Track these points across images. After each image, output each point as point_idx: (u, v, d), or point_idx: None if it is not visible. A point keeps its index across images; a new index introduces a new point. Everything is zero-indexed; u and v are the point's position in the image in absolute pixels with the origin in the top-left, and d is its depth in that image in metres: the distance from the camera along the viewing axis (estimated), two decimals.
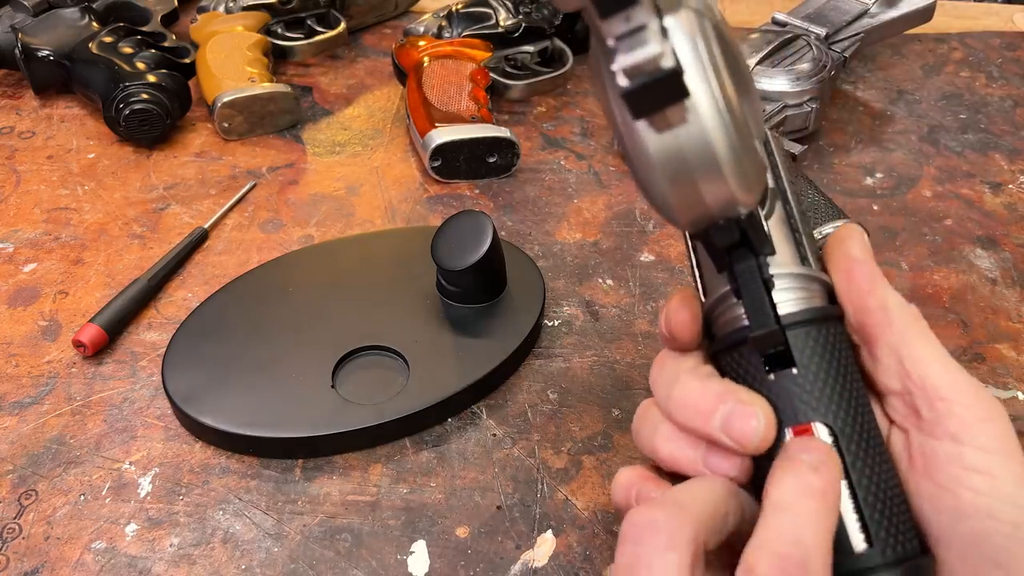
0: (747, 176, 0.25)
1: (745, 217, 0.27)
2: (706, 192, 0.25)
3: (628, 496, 0.30)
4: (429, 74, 0.64)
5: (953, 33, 0.80)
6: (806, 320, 0.29)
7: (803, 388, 0.28)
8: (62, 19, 0.68)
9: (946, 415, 0.27)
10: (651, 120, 0.24)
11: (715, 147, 0.24)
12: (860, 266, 0.30)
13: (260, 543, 0.39)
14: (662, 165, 0.25)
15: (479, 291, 0.48)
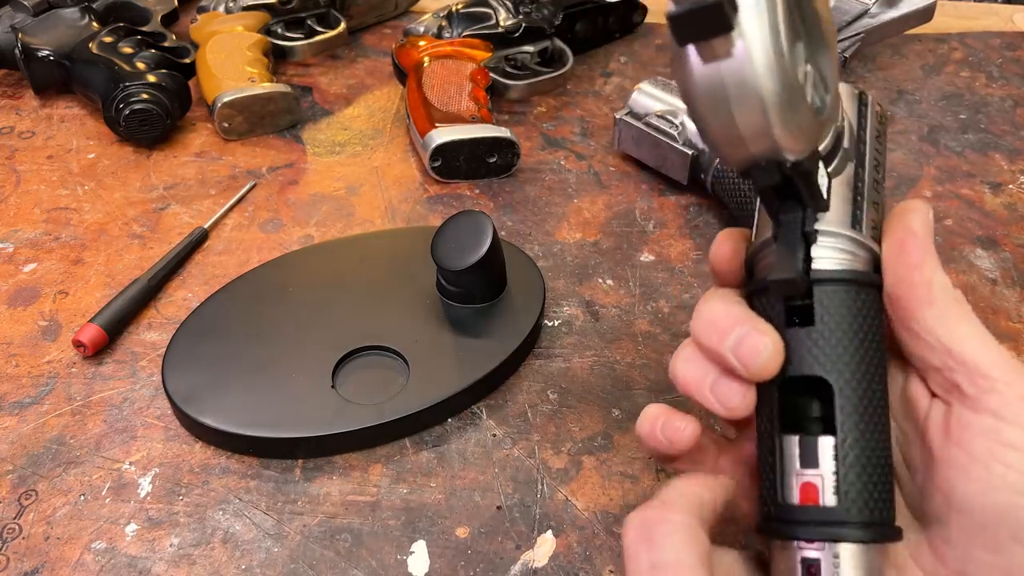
0: (789, 123, 0.26)
1: (791, 165, 0.27)
2: (744, 130, 0.26)
3: (654, 426, 0.32)
4: (429, 74, 0.64)
5: (953, 33, 0.80)
6: (837, 279, 0.29)
7: (816, 344, 0.29)
8: (62, 19, 0.68)
9: (987, 391, 0.27)
10: (697, 48, 0.25)
11: (757, 87, 0.25)
12: (914, 239, 0.30)
13: (260, 543, 0.39)
14: (704, 96, 0.26)
15: (479, 291, 0.48)
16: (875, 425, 0.29)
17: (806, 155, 0.27)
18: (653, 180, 0.61)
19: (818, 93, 0.28)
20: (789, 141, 0.26)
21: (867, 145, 0.32)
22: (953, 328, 0.28)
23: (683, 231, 0.57)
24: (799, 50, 0.26)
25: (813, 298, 0.29)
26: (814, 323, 0.29)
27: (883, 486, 0.29)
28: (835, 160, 0.31)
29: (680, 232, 0.57)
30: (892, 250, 0.30)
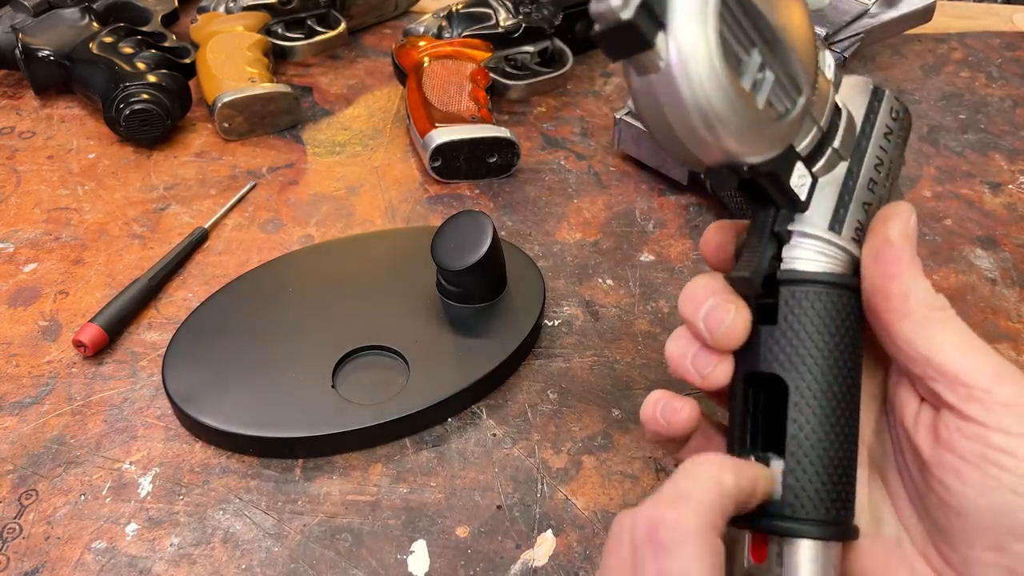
0: (735, 130, 0.26)
1: (748, 168, 0.27)
2: (686, 140, 0.26)
3: (654, 409, 0.32)
4: (429, 74, 0.64)
5: (953, 33, 0.80)
6: (804, 280, 0.29)
7: (776, 343, 0.29)
8: (62, 19, 0.68)
9: (968, 400, 0.27)
10: (629, 63, 0.26)
11: (689, 99, 0.25)
12: (890, 249, 0.29)
13: (260, 543, 0.39)
14: (643, 108, 0.27)
15: (479, 291, 0.48)
16: (833, 426, 0.29)
17: (767, 158, 0.28)
18: (653, 180, 0.61)
19: (783, 96, 0.27)
20: (739, 147, 0.26)
21: (870, 142, 0.32)
22: (930, 338, 0.28)
23: (683, 231, 0.57)
24: (752, 58, 0.26)
25: (779, 300, 0.29)
26: (776, 322, 0.29)
27: (837, 485, 0.29)
28: (821, 160, 0.31)
29: (680, 232, 0.57)
30: (868, 259, 0.30)
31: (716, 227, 0.34)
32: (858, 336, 0.30)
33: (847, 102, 0.32)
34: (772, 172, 0.28)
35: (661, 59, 0.25)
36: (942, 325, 0.29)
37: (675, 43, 0.24)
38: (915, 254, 0.29)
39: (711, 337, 0.30)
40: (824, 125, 0.30)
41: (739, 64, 0.26)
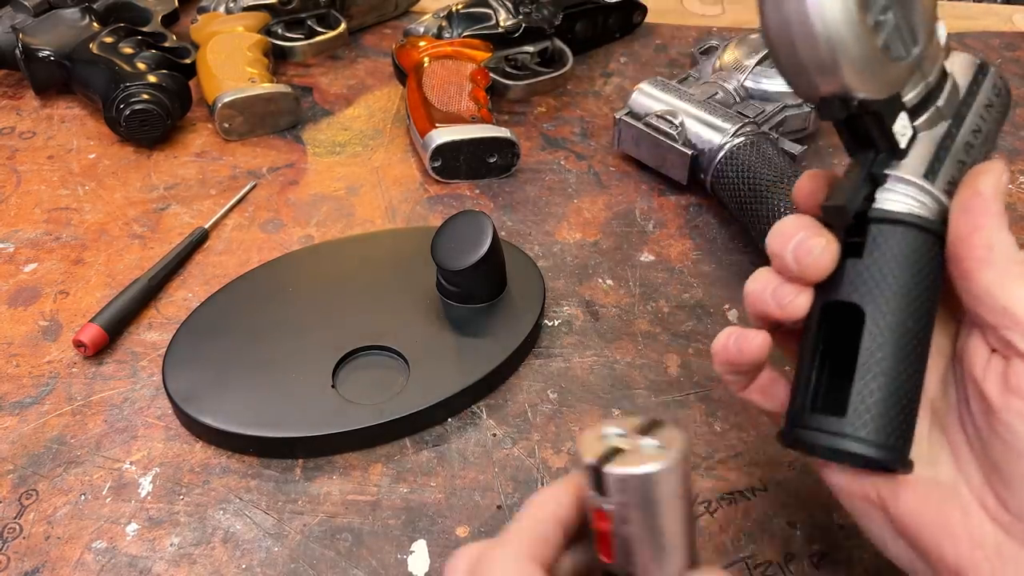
0: (854, 61, 0.27)
1: (858, 104, 0.28)
2: (809, 64, 0.27)
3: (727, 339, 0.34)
4: (429, 74, 0.64)
5: (952, 33, 0.80)
6: (892, 220, 0.31)
7: (859, 275, 0.30)
8: (63, 19, 0.68)
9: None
10: None
11: (817, 24, 0.26)
12: (979, 200, 0.30)
13: (260, 543, 0.39)
14: (771, 25, 0.28)
15: (479, 291, 0.48)
16: (903, 359, 0.30)
17: (877, 97, 0.29)
18: (653, 180, 0.61)
19: (900, 42, 0.29)
20: (855, 80, 0.27)
21: (971, 109, 0.34)
22: (1010, 289, 0.29)
23: (683, 231, 0.57)
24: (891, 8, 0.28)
25: (868, 235, 0.31)
26: (861, 256, 0.31)
27: (899, 416, 0.30)
28: (925, 115, 0.32)
29: (680, 232, 0.57)
30: (957, 209, 0.30)
31: (810, 175, 0.34)
32: (938, 282, 0.31)
33: (955, 71, 0.34)
34: (878, 112, 0.29)
35: None
36: (1022, 279, 0.29)
37: None
38: (1003, 209, 0.30)
39: (798, 267, 0.31)
40: (932, 82, 0.32)
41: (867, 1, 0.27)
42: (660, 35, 0.79)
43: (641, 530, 0.27)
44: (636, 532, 0.27)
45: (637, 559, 0.27)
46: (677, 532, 0.27)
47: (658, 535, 0.27)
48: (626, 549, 0.27)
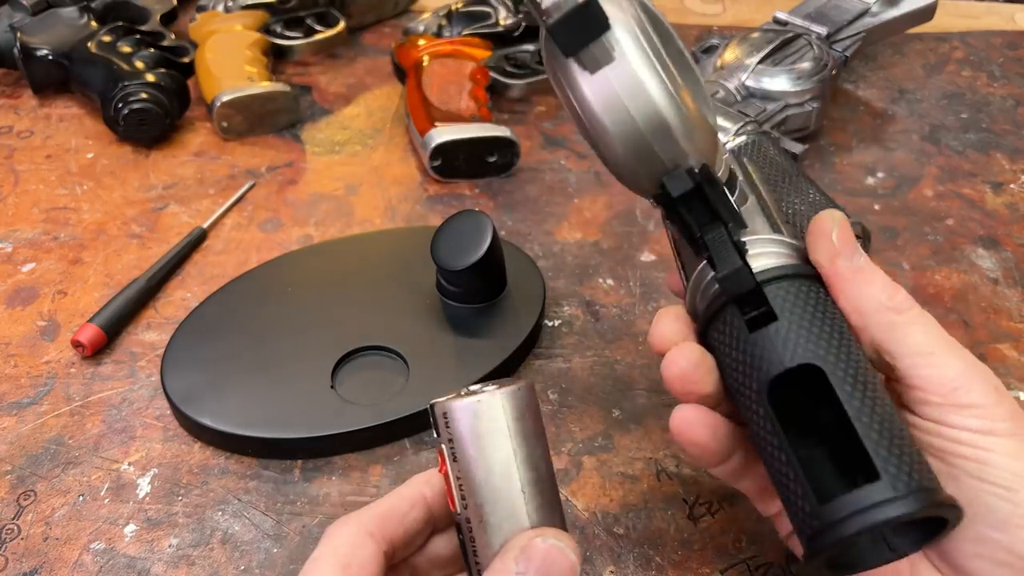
0: (684, 119, 0.28)
1: (699, 169, 0.29)
2: (645, 128, 0.28)
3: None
4: (429, 73, 0.64)
5: (954, 32, 0.80)
6: (784, 276, 0.30)
7: (788, 335, 0.29)
8: (61, 18, 0.68)
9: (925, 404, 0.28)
10: (580, 61, 0.28)
11: (645, 82, 0.27)
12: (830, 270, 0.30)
13: (259, 544, 0.39)
14: (601, 105, 0.28)
15: (479, 291, 0.48)
16: (879, 396, 0.28)
17: (708, 162, 0.29)
18: None
19: (705, 108, 0.30)
20: (688, 140, 0.28)
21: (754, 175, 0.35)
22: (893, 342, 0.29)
23: None
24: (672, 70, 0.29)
25: (768, 298, 0.29)
26: (777, 318, 0.29)
27: (917, 454, 0.27)
28: (735, 192, 0.33)
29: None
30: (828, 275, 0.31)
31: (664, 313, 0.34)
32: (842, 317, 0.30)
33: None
34: (715, 178, 0.30)
35: (614, 47, 0.27)
36: (901, 330, 0.29)
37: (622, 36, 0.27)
38: (852, 264, 0.30)
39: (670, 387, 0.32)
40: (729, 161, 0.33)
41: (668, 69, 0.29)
42: None
43: (470, 467, 0.26)
44: (466, 470, 0.27)
45: (470, 501, 0.27)
46: (509, 476, 0.26)
47: (488, 475, 0.26)
48: (461, 491, 0.27)
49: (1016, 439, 0.27)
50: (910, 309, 0.30)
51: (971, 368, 0.28)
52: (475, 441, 0.27)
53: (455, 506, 0.27)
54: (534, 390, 0.28)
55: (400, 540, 0.29)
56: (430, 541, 0.31)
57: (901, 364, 0.29)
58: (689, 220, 0.30)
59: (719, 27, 0.81)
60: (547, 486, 0.27)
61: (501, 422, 0.27)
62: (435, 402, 0.27)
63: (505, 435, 0.27)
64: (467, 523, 0.27)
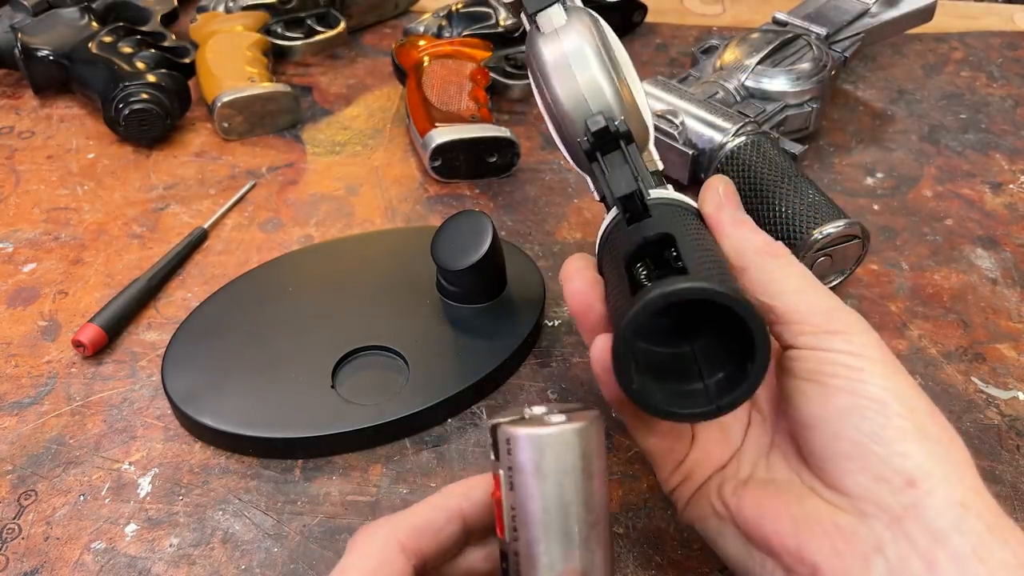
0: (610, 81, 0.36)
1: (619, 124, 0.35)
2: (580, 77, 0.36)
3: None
4: (429, 74, 0.64)
5: (953, 33, 0.80)
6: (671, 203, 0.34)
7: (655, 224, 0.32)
8: (62, 19, 0.68)
9: (800, 334, 0.30)
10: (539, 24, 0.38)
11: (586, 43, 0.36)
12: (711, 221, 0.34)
13: (260, 543, 0.39)
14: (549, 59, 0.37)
15: (479, 291, 0.48)
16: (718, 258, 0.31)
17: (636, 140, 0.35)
18: None
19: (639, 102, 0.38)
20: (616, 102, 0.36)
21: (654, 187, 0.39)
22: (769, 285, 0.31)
23: None
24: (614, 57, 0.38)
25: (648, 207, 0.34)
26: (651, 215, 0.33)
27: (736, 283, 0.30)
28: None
29: None
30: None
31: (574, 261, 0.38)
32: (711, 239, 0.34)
33: None
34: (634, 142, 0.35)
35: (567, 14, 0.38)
36: (779, 271, 0.31)
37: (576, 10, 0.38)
38: (735, 214, 0.34)
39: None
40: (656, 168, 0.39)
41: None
42: (660, 34, 0.79)
43: (528, 501, 0.25)
44: (523, 503, 0.25)
45: (521, 534, 0.26)
46: (567, 515, 0.25)
47: (544, 510, 0.25)
48: (513, 522, 0.26)
49: (886, 364, 0.29)
50: (786, 255, 0.32)
51: (841, 304, 0.31)
52: (538, 474, 0.25)
53: (504, 534, 0.26)
54: (603, 425, 0.27)
55: (433, 555, 0.28)
56: (463, 552, 0.30)
57: (779, 301, 0.31)
58: (602, 165, 0.34)
59: (718, 28, 0.81)
60: (603, 528, 0.27)
61: (567, 460, 0.25)
62: (499, 423, 0.26)
63: (569, 474, 0.26)
64: (515, 555, 0.26)
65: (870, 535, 0.28)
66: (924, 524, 0.27)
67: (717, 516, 0.32)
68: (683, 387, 0.30)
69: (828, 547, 0.28)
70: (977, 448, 0.43)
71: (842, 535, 0.28)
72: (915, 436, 0.28)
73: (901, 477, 0.27)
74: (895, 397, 0.28)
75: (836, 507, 0.29)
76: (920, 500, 0.27)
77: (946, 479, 0.27)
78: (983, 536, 0.27)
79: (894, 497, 0.27)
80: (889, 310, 0.52)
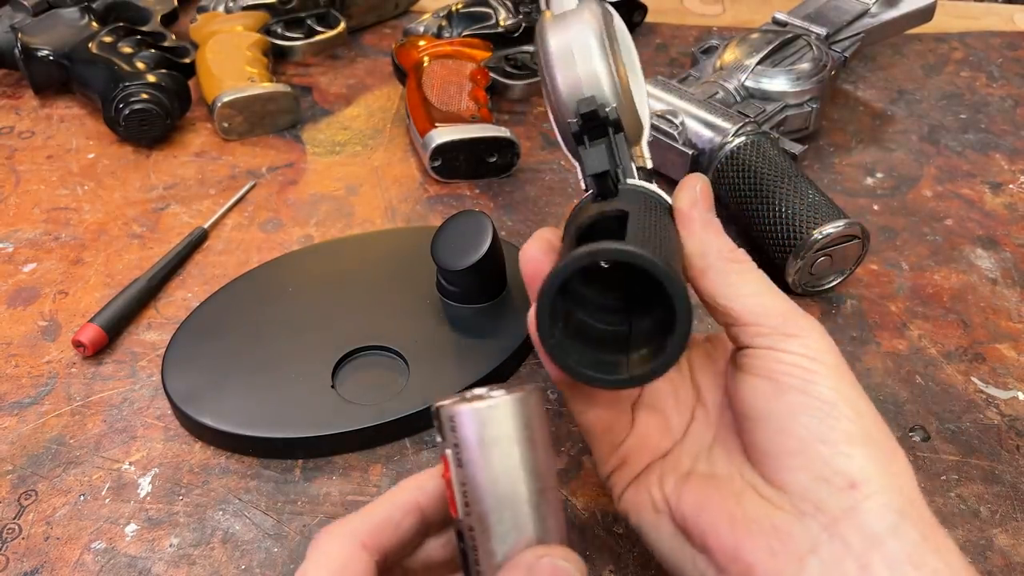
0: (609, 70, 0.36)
1: (610, 111, 0.35)
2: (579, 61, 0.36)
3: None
4: (429, 74, 0.64)
5: (953, 33, 0.80)
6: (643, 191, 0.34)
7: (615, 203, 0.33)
8: (62, 19, 0.68)
9: (757, 336, 0.31)
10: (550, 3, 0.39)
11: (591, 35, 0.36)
12: (682, 216, 0.34)
13: (260, 543, 0.39)
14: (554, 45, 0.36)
15: (479, 291, 0.48)
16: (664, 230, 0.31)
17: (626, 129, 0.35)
18: None
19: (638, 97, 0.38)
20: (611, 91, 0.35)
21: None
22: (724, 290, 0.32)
23: None
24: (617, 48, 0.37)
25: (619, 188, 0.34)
26: (617, 193, 0.34)
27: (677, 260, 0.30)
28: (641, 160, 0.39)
29: None
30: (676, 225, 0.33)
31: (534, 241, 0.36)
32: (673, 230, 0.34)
33: None
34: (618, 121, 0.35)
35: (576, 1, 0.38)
36: (738, 276, 0.32)
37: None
38: (706, 216, 0.33)
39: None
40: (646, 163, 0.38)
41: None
42: (660, 34, 0.79)
43: (476, 474, 0.26)
44: (471, 477, 0.26)
45: (473, 508, 0.26)
46: (515, 482, 0.26)
47: (492, 480, 0.26)
48: (465, 499, 0.26)
49: (839, 368, 0.30)
50: (747, 262, 0.32)
51: (798, 309, 0.31)
52: (482, 448, 0.26)
53: (457, 512, 0.27)
54: (542, 396, 0.28)
55: (393, 549, 0.28)
56: (424, 543, 0.30)
57: (737, 304, 0.31)
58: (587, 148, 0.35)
59: (719, 28, 0.81)
60: (552, 495, 0.27)
61: (509, 429, 0.26)
62: (440, 405, 0.27)
63: (513, 442, 0.26)
64: (469, 531, 0.27)
65: (806, 536, 0.28)
66: (861, 527, 0.27)
67: (655, 509, 0.32)
68: (605, 356, 0.30)
69: (764, 547, 0.28)
70: (977, 448, 0.43)
71: (778, 535, 0.28)
72: (861, 440, 0.28)
73: (843, 478, 0.28)
74: (845, 401, 0.29)
75: (774, 505, 0.29)
76: (859, 503, 0.27)
77: (887, 486, 0.28)
78: (918, 544, 0.27)
79: (833, 498, 0.28)
80: (889, 310, 0.52)
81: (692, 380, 0.35)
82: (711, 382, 0.35)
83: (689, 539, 0.31)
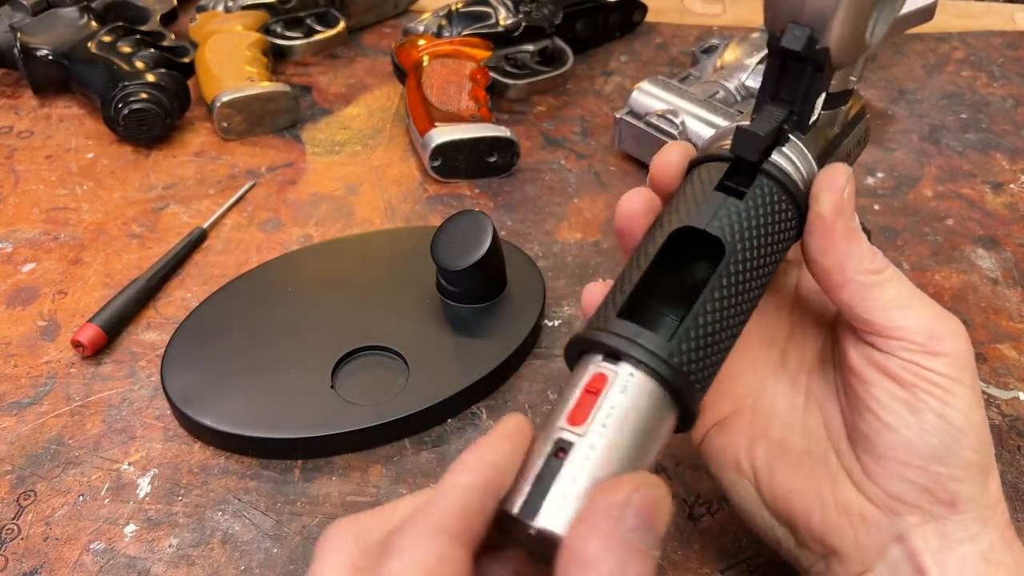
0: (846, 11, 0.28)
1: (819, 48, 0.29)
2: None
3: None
4: (429, 73, 0.64)
5: (954, 32, 0.80)
6: (782, 181, 0.30)
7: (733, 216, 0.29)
8: (61, 18, 0.68)
9: (901, 349, 0.30)
10: None
11: None
12: (823, 224, 0.31)
13: (259, 544, 0.39)
14: None
15: (479, 291, 0.48)
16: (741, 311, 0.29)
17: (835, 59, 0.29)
18: None
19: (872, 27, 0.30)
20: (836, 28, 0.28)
21: (851, 134, 0.37)
22: (864, 303, 0.30)
23: None
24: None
25: (753, 180, 0.30)
26: (742, 198, 0.30)
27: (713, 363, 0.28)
28: (831, 110, 0.34)
29: None
30: (808, 229, 0.31)
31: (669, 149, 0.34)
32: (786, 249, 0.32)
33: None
34: (823, 66, 0.29)
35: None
36: (880, 289, 0.30)
37: None
38: (848, 224, 0.31)
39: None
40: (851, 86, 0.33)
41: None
42: (660, 34, 0.79)
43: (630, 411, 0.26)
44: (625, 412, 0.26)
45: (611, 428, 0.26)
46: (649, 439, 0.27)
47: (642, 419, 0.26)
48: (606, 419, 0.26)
49: (974, 391, 0.30)
50: (886, 268, 0.31)
51: (942, 318, 0.31)
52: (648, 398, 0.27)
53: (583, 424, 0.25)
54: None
55: (479, 541, 0.24)
56: None
57: (878, 317, 0.30)
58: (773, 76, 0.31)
59: (719, 27, 0.81)
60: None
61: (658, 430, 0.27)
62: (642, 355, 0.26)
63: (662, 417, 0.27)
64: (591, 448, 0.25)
65: (892, 529, 0.30)
66: (944, 533, 0.29)
67: (739, 472, 0.33)
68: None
69: (851, 536, 0.30)
70: None
71: (866, 526, 0.30)
72: (976, 469, 0.29)
73: (947, 495, 0.29)
74: (972, 429, 0.29)
75: (867, 498, 0.30)
76: (951, 517, 0.29)
77: (981, 505, 0.30)
78: (995, 542, 0.29)
79: (931, 507, 0.29)
80: None
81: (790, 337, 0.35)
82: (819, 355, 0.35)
83: (774, 512, 0.32)
